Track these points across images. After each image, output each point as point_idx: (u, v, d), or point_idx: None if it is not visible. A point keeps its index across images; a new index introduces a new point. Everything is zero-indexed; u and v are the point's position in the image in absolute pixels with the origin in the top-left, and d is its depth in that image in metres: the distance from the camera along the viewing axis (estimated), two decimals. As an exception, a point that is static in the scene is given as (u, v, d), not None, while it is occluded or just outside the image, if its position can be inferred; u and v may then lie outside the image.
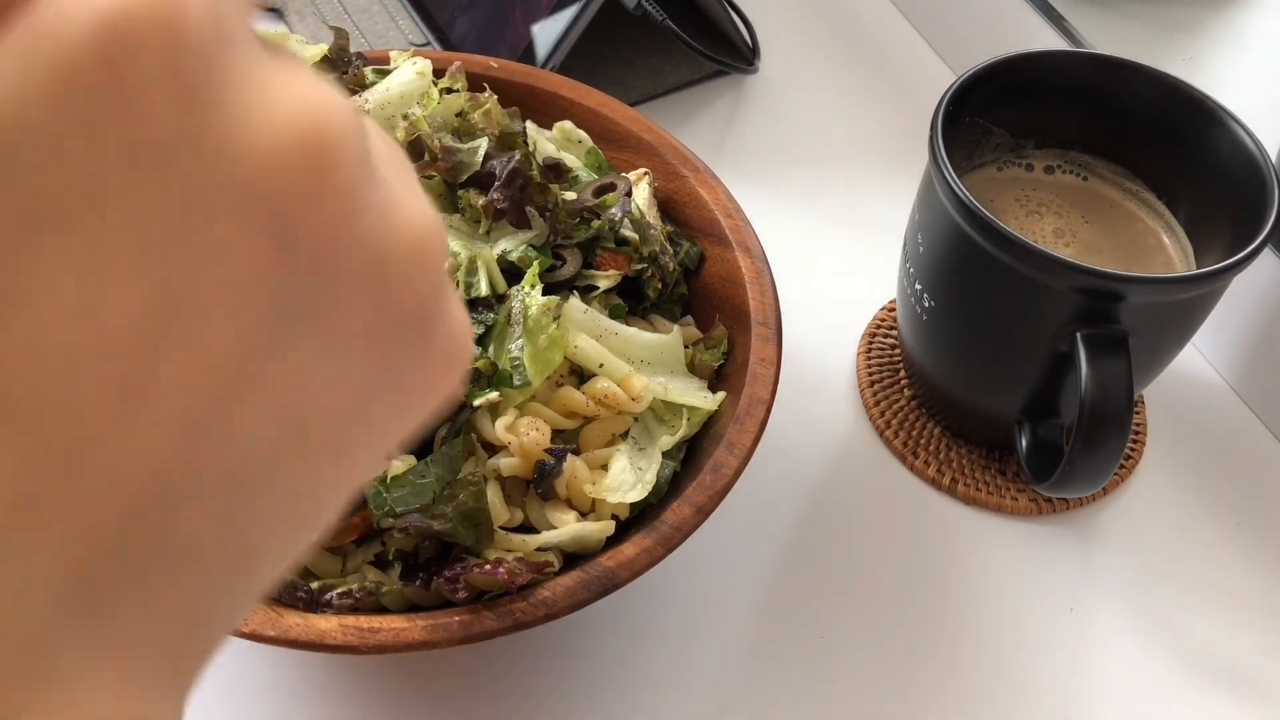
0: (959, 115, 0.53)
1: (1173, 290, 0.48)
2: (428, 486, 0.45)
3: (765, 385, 0.50)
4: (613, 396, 0.48)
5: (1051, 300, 0.49)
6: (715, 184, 0.57)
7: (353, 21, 0.76)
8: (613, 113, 0.59)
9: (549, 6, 0.69)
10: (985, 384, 0.56)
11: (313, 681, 0.51)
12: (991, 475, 0.59)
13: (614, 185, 0.55)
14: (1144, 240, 0.55)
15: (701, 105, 0.76)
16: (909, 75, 0.78)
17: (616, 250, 0.53)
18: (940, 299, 0.53)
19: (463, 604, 0.44)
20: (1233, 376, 0.63)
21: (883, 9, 0.83)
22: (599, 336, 0.50)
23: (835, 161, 0.73)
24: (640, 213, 0.54)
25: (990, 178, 0.57)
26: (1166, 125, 0.54)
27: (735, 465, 0.47)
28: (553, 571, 0.45)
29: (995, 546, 0.57)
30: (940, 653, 0.53)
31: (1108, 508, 0.59)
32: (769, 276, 0.53)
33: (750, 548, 0.56)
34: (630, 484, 0.47)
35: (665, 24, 0.69)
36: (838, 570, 0.55)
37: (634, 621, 0.53)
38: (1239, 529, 0.58)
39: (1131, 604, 0.55)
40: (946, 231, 0.51)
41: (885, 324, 0.64)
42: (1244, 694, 0.53)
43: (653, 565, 0.45)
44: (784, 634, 0.53)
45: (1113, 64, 0.55)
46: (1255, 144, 0.51)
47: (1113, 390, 0.47)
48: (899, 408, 0.61)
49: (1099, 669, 0.53)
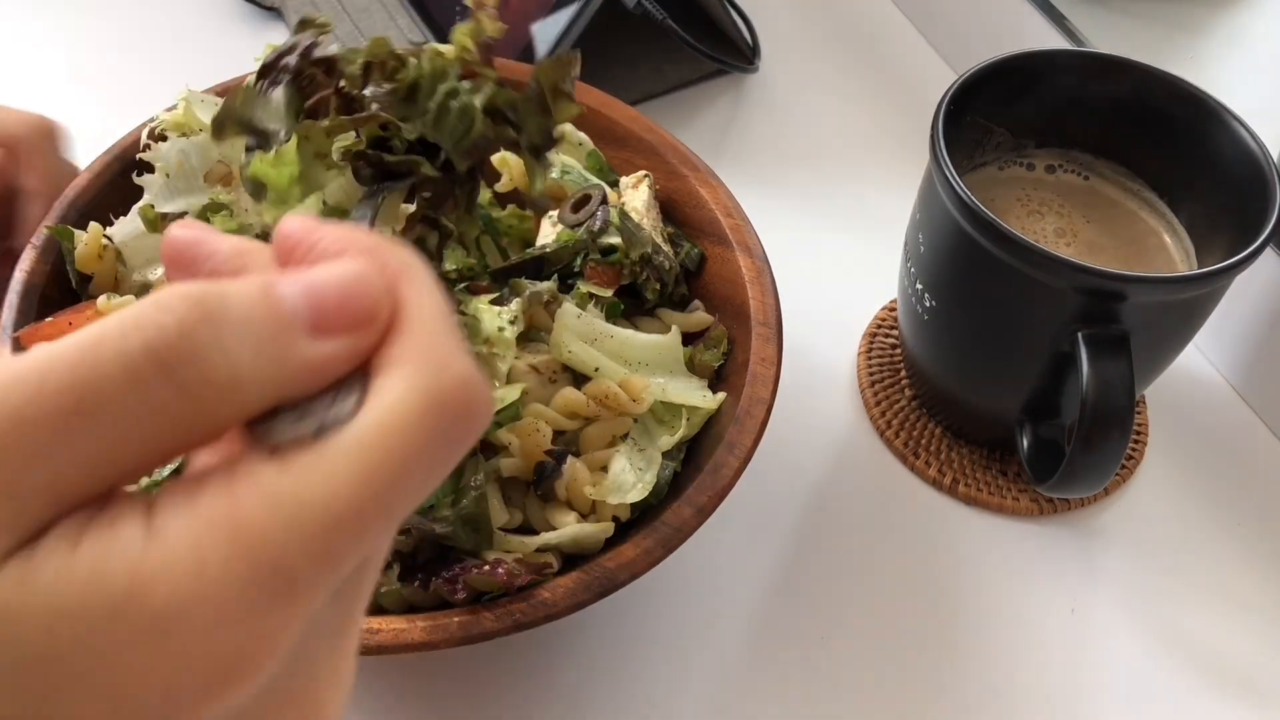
0: (960, 115, 0.53)
1: (1174, 290, 0.48)
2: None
3: (765, 385, 0.50)
4: (613, 397, 0.48)
5: (1053, 300, 0.49)
6: (715, 184, 0.57)
7: (352, 21, 0.76)
8: (613, 112, 0.59)
9: (549, 6, 0.69)
10: (986, 384, 0.56)
11: (312, 682, 0.50)
12: (992, 475, 0.58)
13: (589, 197, 0.55)
14: (1145, 240, 0.55)
15: (701, 105, 0.75)
16: (910, 75, 0.78)
17: (605, 261, 0.53)
18: (941, 299, 0.53)
19: (462, 605, 0.44)
20: (1234, 376, 0.63)
21: (883, 8, 0.82)
22: (594, 340, 0.50)
23: (835, 161, 0.73)
24: (620, 218, 0.53)
25: (991, 177, 0.57)
26: (1168, 125, 0.54)
27: (735, 465, 0.47)
28: (552, 572, 0.45)
29: (996, 547, 0.57)
30: (941, 653, 0.53)
31: (1109, 508, 0.58)
32: (769, 276, 0.53)
33: (750, 548, 0.56)
34: (630, 485, 0.47)
35: (665, 23, 0.69)
36: (838, 570, 0.55)
37: (634, 622, 0.53)
38: (1239, 529, 0.58)
39: (1132, 604, 0.55)
40: (948, 231, 0.51)
41: (886, 324, 0.64)
42: (1244, 694, 0.53)
43: (653, 566, 0.45)
44: (784, 635, 0.53)
45: (1114, 63, 0.55)
46: (1256, 143, 0.51)
47: (1114, 390, 0.47)
48: (900, 408, 0.61)
49: (1100, 669, 0.53)
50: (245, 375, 0.22)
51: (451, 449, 0.23)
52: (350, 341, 0.23)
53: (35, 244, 0.52)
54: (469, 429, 0.23)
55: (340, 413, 0.23)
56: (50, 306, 0.51)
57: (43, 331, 0.48)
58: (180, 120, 0.53)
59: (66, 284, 0.52)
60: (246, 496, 0.21)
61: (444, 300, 0.25)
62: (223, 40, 0.77)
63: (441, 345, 0.23)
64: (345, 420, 0.22)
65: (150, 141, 0.52)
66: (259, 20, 0.78)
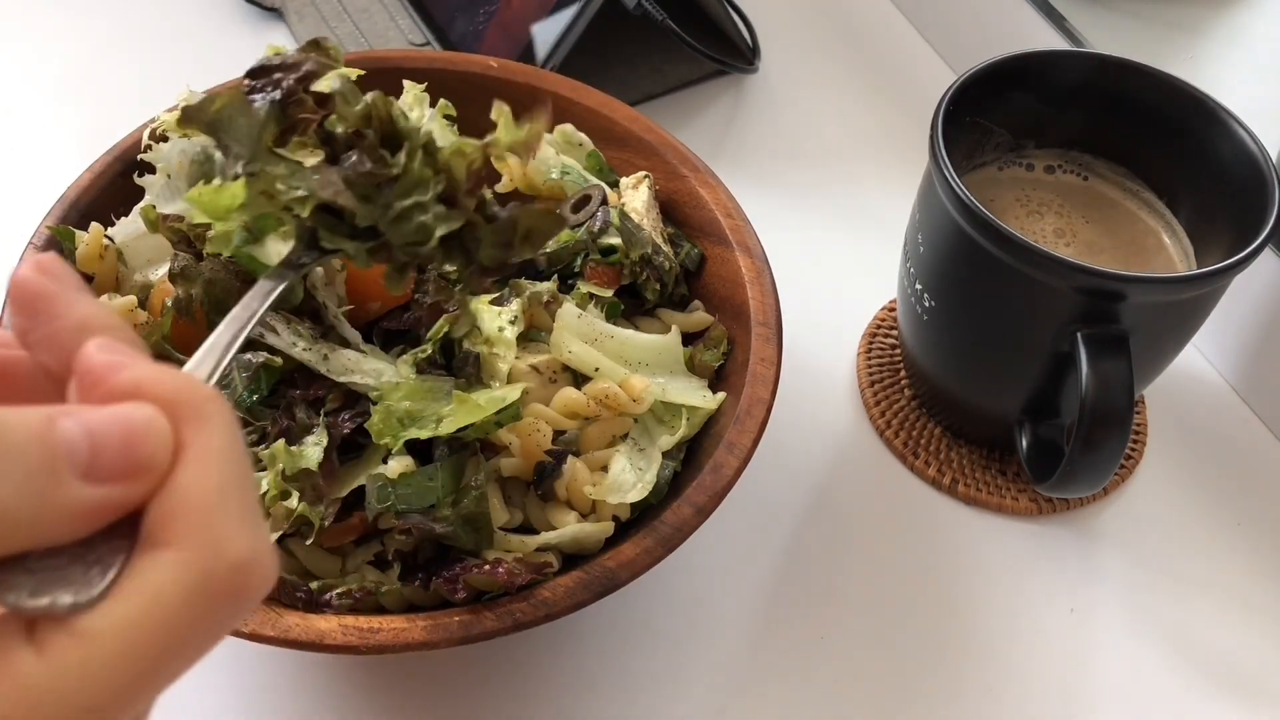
0: (959, 115, 0.53)
1: (1173, 290, 0.48)
2: (433, 490, 0.45)
3: (765, 385, 0.50)
4: (614, 397, 0.48)
5: (1052, 300, 0.49)
6: (715, 184, 0.57)
7: (352, 21, 0.76)
8: (613, 112, 0.59)
9: (549, 6, 0.69)
10: (986, 384, 0.56)
11: (313, 681, 0.51)
12: (992, 475, 0.59)
13: (589, 197, 0.55)
14: (1144, 240, 0.55)
15: (701, 105, 0.75)
16: (909, 75, 0.78)
17: (605, 262, 0.53)
18: (941, 299, 0.53)
19: (462, 604, 0.44)
20: (1233, 376, 0.63)
21: (883, 9, 0.83)
22: (594, 340, 0.50)
23: (835, 161, 0.73)
24: (620, 218, 0.53)
25: (991, 177, 0.57)
26: (1167, 125, 0.54)
27: (735, 465, 0.47)
28: (552, 572, 0.45)
29: (995, 547, 0.57)
30: (940, 653, 0.53)
31: (1108, 508, 0.59)
32: (769, 276, 0.53)
33: (750, 548, 0.56)
34: (630, 485, 0.47)
35: (665, 23, 0.69)
36: (838, 570, 0.55)
37: (634, 622, 0.53)
38: (1239, 529, 0.58)
39: (1131, 604, 0.55)
40: (947, 231, 0.51)
41: (885, 324, 0.64)
42: (1244, 694, 0.53)
43: (653, 565, 0.45)
44: (784, 634, 0.53)
45: (1113, 64, 0.55)
46: (1256, 144, 0.51)
47: (1113, 390, 0.47)
48: (899, 408, 0.61)
49: (1099, 669, 0.53)
50: (2, 508, 0.21)
51: (219, 630, 0.23)
52: (122, 490, 0.23)
53: (35, 244, 0.52)
54: (238, 610, 0.23)
55: (103, 580, 0.22)
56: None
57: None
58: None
59: (67, 284, 0.52)
60: (3, 689, 0.21)
61: (240, 457, 0.24)
62: (223, 40, 0.77)
63: (219, 525, 0.23)
64: (105, 592, 0.22)
65: (151, 142, 0.52)
66: (259, 20, 0.78)
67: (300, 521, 0.45)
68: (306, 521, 0.45)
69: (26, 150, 0.71)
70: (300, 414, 0.47)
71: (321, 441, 0.45)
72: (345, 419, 0.46)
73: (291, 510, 0.44)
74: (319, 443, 0.45)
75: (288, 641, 0.42)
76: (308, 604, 0.44)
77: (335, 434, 0.46)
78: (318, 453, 0.45)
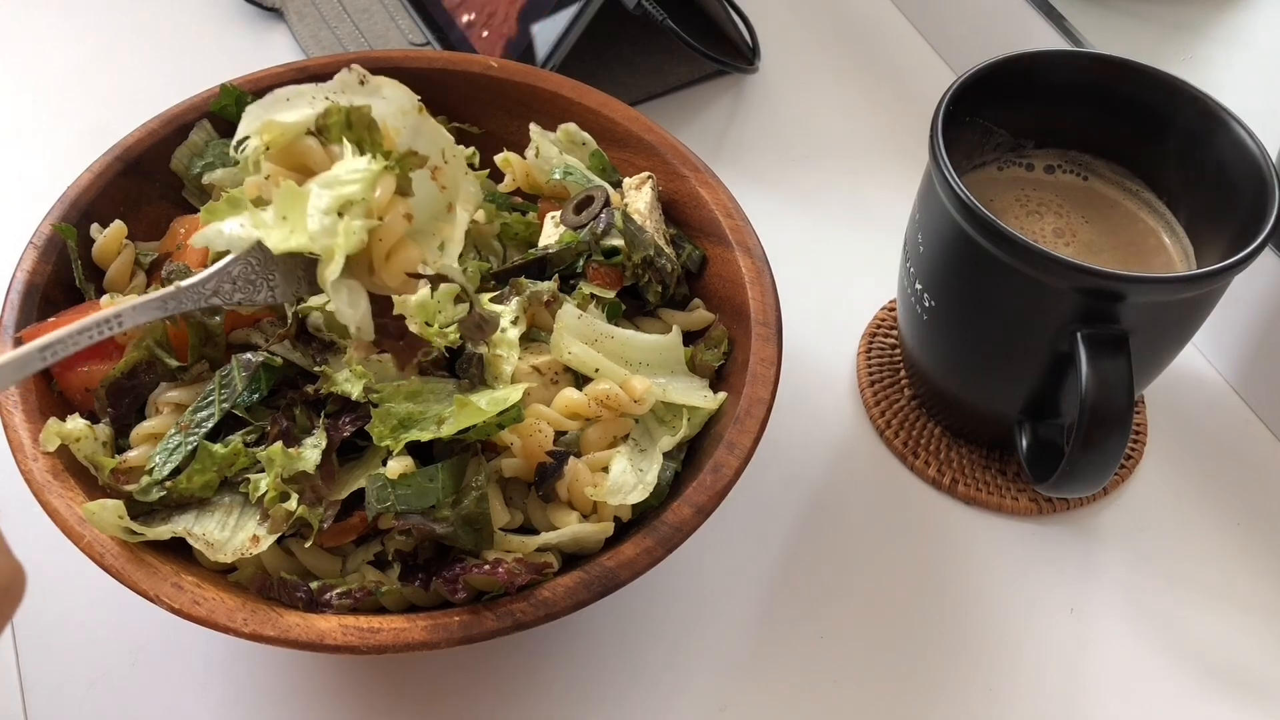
0: (959, 115, 0.53)
1: (1173, 290, 0.48)
2: (433, 491, 0.45)
3: (765, 385, 0.50)
4: (615, 398, 0.48)
5: (1052, 300, 0.49)
6: (716, 184, 0.57)
7: (353, 21, 0.76)
8: (613, 113, 0.59)
9: (549, 6, 0.69)
10: (985, 384, 0.56)
11: (313, 681, 0.51)
12: (992, 475, 0.59)
13: (591, 198, 0.55)
14: (1144, 240, 0.55)
15: (701, 105, 0.75)
16: (909, 75, 0.78)
17: (607, 263, 0.53)
18: (941, 299, 0.53)
19: (462, 604, 0.44)
20: (1233, 376, 0.63)
21: (883, 9, 0.83)
22: (595, 341, 0.50)
23: (835, 161, 0.73)
24: (623, 220, 0.53)
25: (991, 177, 0.57)
26: (1167, 125, 0.54)
27: (735, 465, 0.47)
28: (552, 572, 0.45)
29: (995, 546, 0.57)
30: (940, 652, 0.53)
31: (1108, 508, 0.59)
32: (769, 276, 0.53)
33: (750, 547, 0.56)
34: (631, 486, 0.47)
35: (665, 23, 0.69)
36: (838, 570, 0.55)
37: (634, 621, 0.53)
38: (1239, 529, 0.58)
39: (1131, 604, 0.55)
40: (947, 231, 0.51)
41: (885, 324, 0.64)
42: (1244, 694, 0.53)
43: (653, 565, 0.45)
44: (784, 633, 0.53)
45: (1113, 64, 0.55)
46: (1256, 144, 0.51)
47: (1113, 390, 0.47)
48: (899, 408, 0.61)
49: (1099, 669, 0.53)
50: None
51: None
52: None
53: (36, 244, 0.52)
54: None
55: None
56: (51, 307, 0.51)
57: (44, 331, 0.48)
58: None
59: (68, 284, 0.52)
60: None
61: None
62: (223, 40, 0.77)
63: None
64: None
65: None
66: (259, 20, 0.78)
67: (299, 523, 0.45)
68: (305, 523, 0.45)
69: (26, 150, 0.71)
70: (300, 415, 0.47)
71: (320, 444, 0.45)
72: (345, 422, 0.46)
73: (290, 512, 0.44)
74: (318, 445, 0.45)
75: (288, 641, 0.42)
76: (308, 604, 0.44)
77: (335, 436, 0.46)
78: (316, 455, 0.45)
